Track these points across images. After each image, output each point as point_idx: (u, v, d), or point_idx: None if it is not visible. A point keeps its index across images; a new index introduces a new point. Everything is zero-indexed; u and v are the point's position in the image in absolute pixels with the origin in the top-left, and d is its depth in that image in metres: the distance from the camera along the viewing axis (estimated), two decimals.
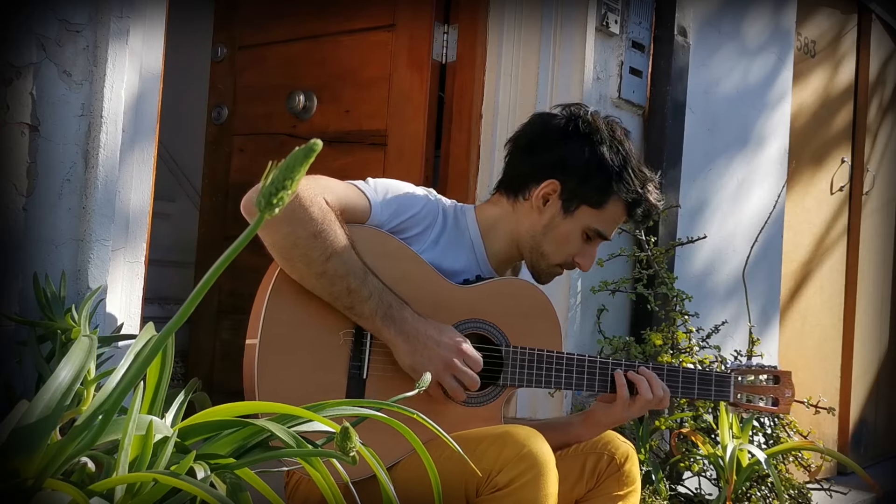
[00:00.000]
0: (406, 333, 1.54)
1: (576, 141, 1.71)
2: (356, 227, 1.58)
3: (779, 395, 1.85)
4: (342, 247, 1.51)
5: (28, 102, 1.63)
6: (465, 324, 1.66)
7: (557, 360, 1.70)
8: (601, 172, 1.70)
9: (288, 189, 0.79)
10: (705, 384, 1.80)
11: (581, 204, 1.71)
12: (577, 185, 1.70)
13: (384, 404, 1.16)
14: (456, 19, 2.77)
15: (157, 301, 3.48)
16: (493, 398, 1.67)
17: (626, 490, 1.68)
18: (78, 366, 0.95)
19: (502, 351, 1.67)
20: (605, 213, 1.73)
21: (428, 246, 1.68)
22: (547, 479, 1.44)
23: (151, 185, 1.84)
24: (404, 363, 1.55)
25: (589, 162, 1.69)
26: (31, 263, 1.62)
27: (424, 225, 1.68)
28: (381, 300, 1.53)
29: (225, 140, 3.23)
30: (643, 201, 1.74)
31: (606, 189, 1.70)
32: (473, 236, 1.75)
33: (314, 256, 1.49)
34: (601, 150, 1.70)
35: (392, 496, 1.09)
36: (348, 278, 1.51)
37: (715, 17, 3.10)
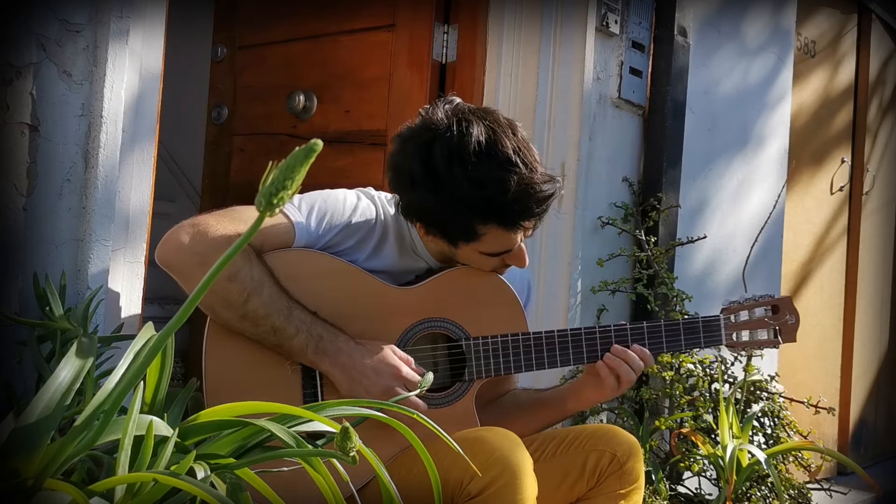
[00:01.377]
0: (341, 365, 1.50)
1: (407, 193, 1.57)
2: (281, 253, 1.53)
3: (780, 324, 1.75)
4: (260, 285, 1.46)
5: (28, 102, 1.63)
6: (420, 325, 1.62)
7: (524, 342, 1.65)
8: (441, 220, 1.56)
9: (288, 189, 0.79)
10: (692, 333, 1.72)
11: (457, 241, 1.60)
12: (439, 231, 1.60)
13: (384, 404, 1.16)
14: (456, 19, 2.77)
15: (157, 301, 3.48)
16: (460, 395, 1.63)
17: (629, 488, 1.65)
18: (78, 366, 0.95)
19: (462, 345, 1.63)
20: (486, 242, 1.59)
21: (370, 254, 1.63)
22: (522, 483, 1.39)
23: (151, 185, 1.84)
24: (343, 393, 1.51)
25: (424, 213, 1.57)
26: (31, 263, 1.62)
27: (361, 234, 1.62)
28: (311, 334, 1.49)
29: (225, 140, 3.22)
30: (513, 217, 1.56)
31: (460, 230, 1.57)
32: (414, 236, 1.68)
33: (233, 299, 1.45)
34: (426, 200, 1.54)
35: (394, 495, 1.09)
36: (271, 317, 1.46)
37: (715, 17, 3.10)
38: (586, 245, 2.60)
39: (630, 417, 2.54)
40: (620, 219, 2.70)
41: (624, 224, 2.70)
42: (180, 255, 1.47)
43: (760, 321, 1.76)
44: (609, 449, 1.66)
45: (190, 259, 1.45)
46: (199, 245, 1.46)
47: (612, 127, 2.70)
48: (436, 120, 1.57)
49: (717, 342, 1.75)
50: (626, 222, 2.71)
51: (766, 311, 1.77)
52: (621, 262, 2.70)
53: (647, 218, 2.72)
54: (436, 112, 1.58)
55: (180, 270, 1.48)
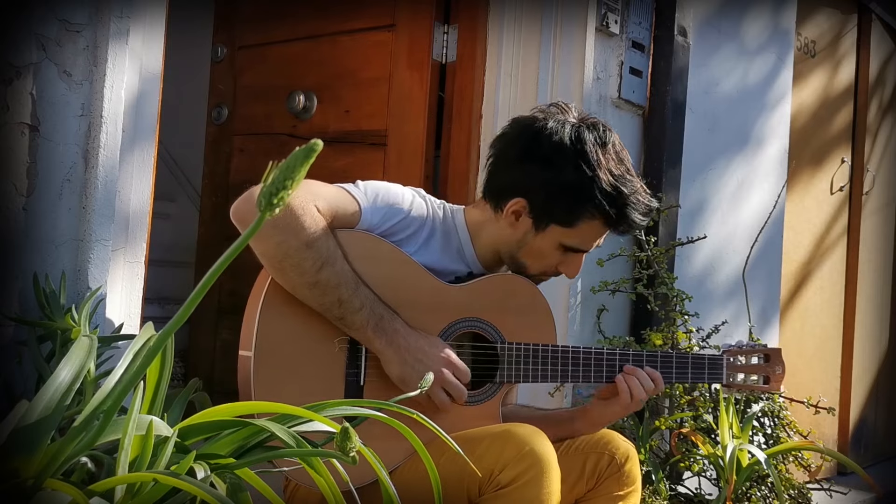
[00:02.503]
0: (396, 345, 1.54)
1: (538, 162, 1.64)
2: (347, 232, 1.57)
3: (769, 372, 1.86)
4: (334, 257, 1.50)
5: (28, 102, 1.63)
6: (460, 323, 1.66)
7: (553, 353, 1.70)
8: (563, 195, 1.63)
9: (288, 189, 0.79)
10: (698, 368, 1.81)
11: (551, 223, 1.66)
12: (543, 206, 1.65)
13: (384, 404, 1.16)
14: (456, 19, 2.77)
15: (157, 301, 3.48)
16: (490, 396, 1.67)
17: (627, 490, 1.68)
18: (78, 366, 0.95)
19: (497, 348, 1.67)
20: (578, 231, 1.67)
21: (419, 248, 1.67)
22: (549, 477, 1.44)
23: (151, 185, 1.84)
24: (393, 374, 1.55)
25: (549, 184, 1.63)
26: (31, 263, 1.62)
27: (415, 227, 1.66)
28: (373, 311, 1.52)
29: (225, 140, 3.23)
30: (620, 218, 1.66)
31: (574, 209, 1.64)
32: (463, 238, 1.73)
33: (306, 267, 1.48)
34: (563, 174, 1.62)
35: (393, 496, 1.09)
36: (340, 289, 1.50)
37: (715, 17, 3.10)
38: None
39: (630, 417, 2.54)
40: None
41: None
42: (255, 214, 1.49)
43: (755, 367, 1.88)
44: (608, 451, 1.69)
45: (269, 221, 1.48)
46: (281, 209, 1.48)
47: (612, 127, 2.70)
48: (571, 111, 1.71)
49: (718, 380, 1.83)
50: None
51: (759, 358, 1.89)
52: (621, 261, 2.70)
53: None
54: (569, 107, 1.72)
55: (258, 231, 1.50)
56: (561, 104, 1.72)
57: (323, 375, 1.54)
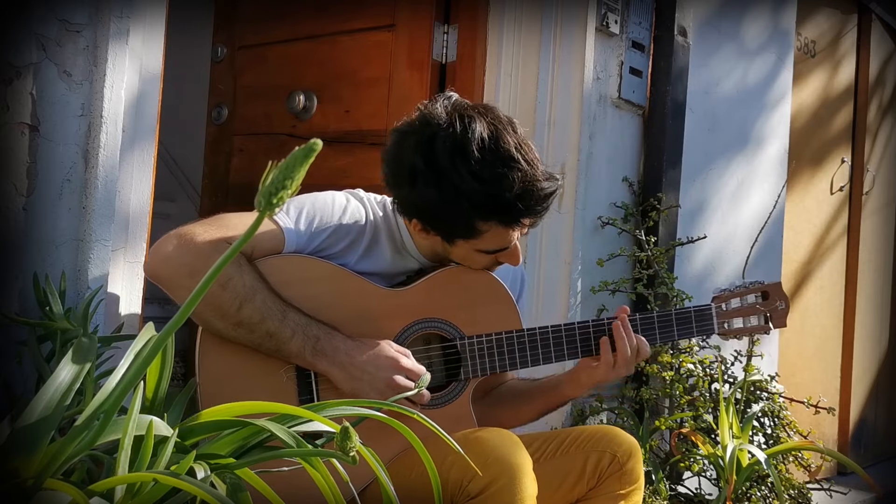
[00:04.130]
0: (340, 363, 1.49)
1: (405, 187, 1.55)
2: (273, 259, 1.51)
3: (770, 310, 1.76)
4: (253, 291, 1.45)
5: (28, 102, 1.63)
6: (413, 326, 1.61)
7: (518, 339, 1.65)
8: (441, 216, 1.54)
9: (288, 189, 0.79)
10: (684, 323, 1.73)
11: (454, 237, 1.59)
12: (435, 227, 1.57)
13: (384, 404, 1.16)
14: (456, 19, 2.77)
15: (157, 301, 3.47)
16: (458, 394, 1.63)
17: (629, 489, 1.65)
18: (78, 366, 0.95)
19: (457, 345, 1.63)
20: (485, 239, 1.58)
21: (361, 256, 1.61)
22: (521, 483, 1.39)
23: (151, 185, 1.84)
24: (346, 392, 1.50)
25: (424, 209, 1.55)
26: (31, 263, 1.62)
27: (351, 237, 1.60)
28: (307, 335, 1.48)
29: (225, 140, 3.23)
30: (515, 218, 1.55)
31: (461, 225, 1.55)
32: (405, 236, 1.66)
33: (226, 308, 1.44)
34: (428, 196, 1.52)
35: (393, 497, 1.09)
36: (266, 322, 1.45)
37: (715, 17, 3.10)
38: (586, 245, 2.60)
39: (630, 417, 2.54)
40: (620, 219, 2.70)
41: (624, 224, 2.70)
42: (168, 266, 1.45)
43: (752, 307, 1.76)
44: (609, 450, 1.66)
45: (177, 270, 1.44)
46: (186, 255, 1.44)
47: (612, 127, 2.70)
48: (436, 115, 1.54)
49: (710, 331, 1.75)
50: (626, 222, 2.71)
51: (756, 297, 1.77)
52: (621, 262, 2.70)
53: (647, 218, 2.72)
54: (435, 107, 1.56)
55: (168, 281, 1.46)
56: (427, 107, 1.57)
57: None
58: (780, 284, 1.78)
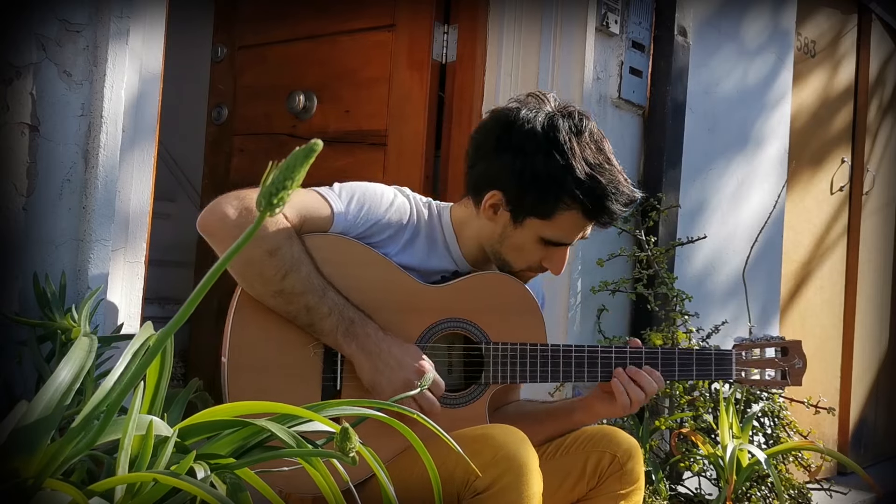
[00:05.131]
0: (367, 350, 1.51)
1: (508, 152, 1.60)
2: (318, 237, 1.54)
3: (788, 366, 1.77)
4: (299, 263, 1.48)
5: (28, 102, 1.63)
6: (442, 324, 1.62)
7: (542, 353, 1.66)
8: (535, 186, 1.59)
9: (288, 189, 0.79)
10: (704, 364, 1.74)
11: (528, 216, 1.62)
12: (517, 198, 1.61)
13: (384, 404, 1.16)
14: (456, 19, 2.77)
15: (157, 301, 3.48)
16: (475, 397, 1.64)
17: (629, 489, 1.66)
18: (78, 366, 0.95)
19: (482, 349, 1.64)
20: (556, 224, 1.62)
21: (400, 249, 1.64)
22: (528, 480, 1.40)
23: (151, 185, 1.84)
24: (364, 380, 1.52)
25: (522, 173, 1.59)
26: (31, 263, 1.62)
27: (396, 227, 1.63)
28: (342, 316, 1.50)
29: (225, 140, 3.23)
30: (599, 211, 1.61)
31: (548, 200, 1.59)
32: (448, 237, 1.70)
33: (269, 275, 1.46)
34: (534, 162, 1.58)
35: (392, 498, 1.09)
36: (306, 296, 1.48)
37: (715, 17, 3.10)
38: (586, 245, 2.60)
39: (630, 417, 2.54)
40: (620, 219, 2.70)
41: (624, 224, 2.70)
42: (224, 227, 1.48)
43: (770, 361, 1.79)
44: (609, 450, 1.66)
45: (231, 232, 1.47)
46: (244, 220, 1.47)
47: (612, 127, 2.70)
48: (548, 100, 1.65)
49: (727, 376, 1.77)
50: (626, 222, 2.71)
51: (776, 351, 1.80)
52: (621, 262, 2.70)
53: (647, 218, 2.72)
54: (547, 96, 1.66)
55: (221, 240, 1.49)
56: (539, 94, 1.68)
57: (298, 381, 1.52)
58: (801, 343, 1.79)
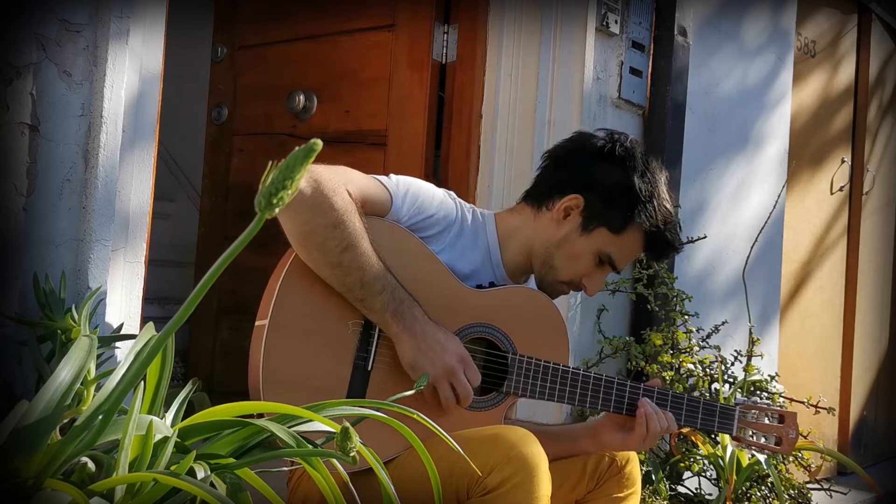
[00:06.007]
0: (412, 331, 1.54)
1: (609, 162, 1.71)
2: (376, 220, 1.58)
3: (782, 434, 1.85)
4: (359, 239, 1.51)
5: (28, 102, 1.63)
6: (474, 327, 1.65)
7: (563, 374, 1.68)
8: (627, 198, 1.69)
9: (288, 189, 0.79)
10: (709, 415, 1.79)
11: (600, 225, 1.70)
12: (601, 206, 1.70)
13: (384, 404, 1.16)
14: (456, 19, 2.77)
15: (157, 301, 3.48)
16: (495, 404, 1.66)
17: (627, 492, 1.68)
18: (78, 366, 0.95)
19: (508, 358, 1.66)
20: (622, 241, 1.71)
21: (445, 247, 1.68)
22: (538, 482, 1.42)
23: (151, 185, 1.84)
24: (405, 360, 1.55)
25: (617, 185, 1.69)
26: (31, 263, 1.62)
27: (443, 226, 1.68)
28: (394, 296, 1.54)
29: (225, 140, 3.23)
30: (662, 238, 1.73)
31: (629, 216, 1.69)
32: (491, 243, 1.74)
33: (331, 246, 1.49)
34: (632, 177, 1.69)
35: (392, 495, 1.09)
36: (362, 271, 1.51)
37: (715, 17, 3.10)
38: None
39: None
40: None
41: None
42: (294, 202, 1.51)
43: (767, 426, 1.85)
44: (608, 453, 1.69)
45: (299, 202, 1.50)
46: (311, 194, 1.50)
47: (612, 127, 2.69)
48: None
49: (728, 431, 1.81)
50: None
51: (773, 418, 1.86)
52: None
53: None
54: None
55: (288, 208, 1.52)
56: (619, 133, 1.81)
57: (331, 355, 1.54)
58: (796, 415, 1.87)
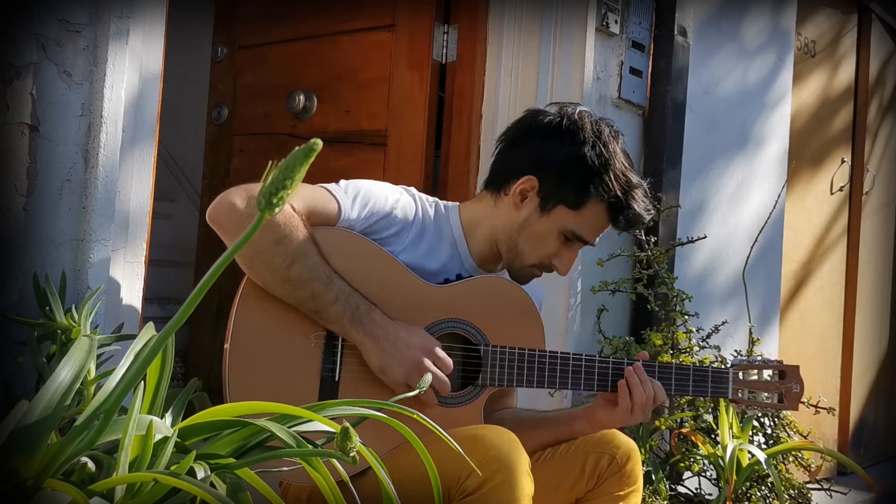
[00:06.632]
0: (374, 335, 1.53)
1: (556, 138, 1.67)
2: (325, 230, 1.57)
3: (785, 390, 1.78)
4: (305, 252, 1.50)
5: (28, 102, 1.63)
6: (442, 323, 1.64)
7: (540, 358, 1.67)
8: (579, 172, 1.65)
9: (288, 189, 0.79)
10: (701, 381, 1.76)
11: (558, 203, 1.67)
12: (554, 184, 1.66)
13: (383, 404, 1.16)
14: (456, 19, 2.77)
15: (157, 301, 3.48)
16: (472, 398, 1.64)
17: (627, 490, 1.66)
18: (78, 366, 0.95)
19: (481, 350, 1.65)
20: (583, 216, 1.68)
21: (406, 247, 1.66)
22: (519, 481, 1.40)
23: (151, 185, 1.84)
24: (373, 365, 1.54)
25: (567, 160, 1.65)
26: (31, 263, 1.62)
27: (401, 225, 1.66)
28: (348, 303, 1.52)
29: (225, 140, 3.23)
30: (625, 207, 1.68)
31: (584, 190, 1.65)
32: (456, 235, 1.73)
33: (277, 263, 1.49)
34: (582, 150, 1.65)
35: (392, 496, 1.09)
36: (312, 283, 1.50)
37: (715, 17, 3.10)
38: None
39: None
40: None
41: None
42: (231, 217, 1.51)
43: (767, 383, 1.79)
44: (608, 451, 1.66)
45: (240, 222, 1.50)
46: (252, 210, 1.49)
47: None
48: None
49: (723, 395, 1.78)
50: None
51: (773, 374, 1.80)
52: (621, 261, 2.69)
53: None
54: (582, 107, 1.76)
55: (230, 231, 1.52)
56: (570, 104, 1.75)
57: (298, 370, 1.53)
58: (798, 368, 1.79)
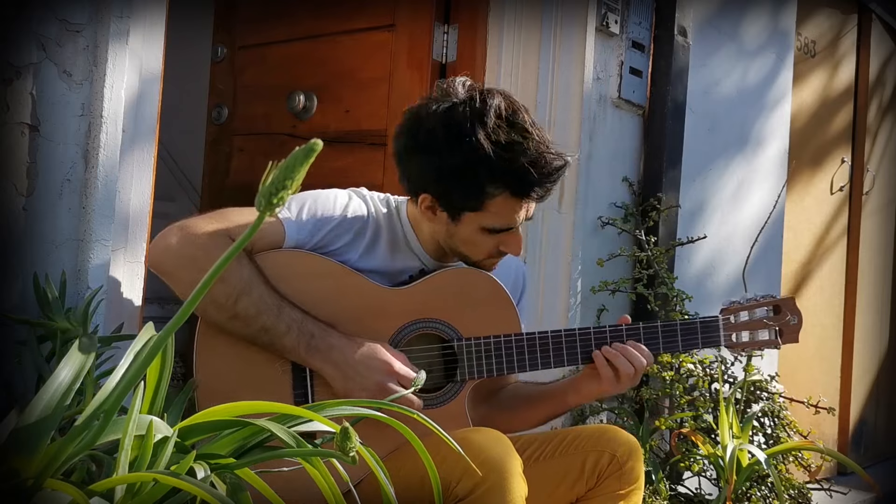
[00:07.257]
0: (333, 361, 1.50)
1: (419, 155, 1.59)
2: (273, 253, 1.53)
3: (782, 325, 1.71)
4: (250, 285, 1.47)
5: (28, 102, 1.62)
6: (411, 326, 1.61)
7: (517, 343, 1.64)
8: (454, 179, 1.56)
9: (289, 189, 0.79)
10: (689, 334, 1.70)
11: (463, 210, 1.60)
12: (449, 195, 1.59)
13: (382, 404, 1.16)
14: (456, 19, 2.77)
15: (157, 301, 3.48)
16: (453, 395, 1.63)
17: (628, 489, 1.65)
18: (78, 366, 0.95)
19: (454, 346, 1.63)
20: (492, 213, 1.59)
21: (362, 254, 1.62)
22: (510, 484, 1.38)
23: (151, 185, 1.84)
24: (337, 390, 1.51)
25: (438, 173, 1.57)
26: (31, 263, 1.62)
27: (354, 231, 1.62)
28: (302, 331, 1.49)
29: (225, 140, 3.22)
30: (526, 186, 1.56)
31: (477, 192, 1.56)
32: (407, 232, 1.68)
33: (222, 301, 1.46)
34: (444, 158, 1.55)
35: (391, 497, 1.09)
36: (261, 317, 1.47)
37: (715, 17, 3.10)
38: (586, 245, 2.60)
39: (630, 417, 2.54)
40: (620, 219, 2.70)
41: (624, 224, 2.70)
42: (168, 258, 1.48)
43: (761, 322, 1.73)
44: (609, 449, 1.65)
45: (177, 261, 1.47)
46: (188, 247, 1.47)
47: (612, 127, 2.70)
48: (455, 89, 1.61)
49: (716, 343, 1.73)
50: (627, 222, 2.71)
51: (767, 311, 1.74)
52: (621, 262, 2.69)
53: (647, 218, 2.72)
54: (454, 85, 1.62)
55: (169, 273, 1.49)
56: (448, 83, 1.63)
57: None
58: (794, 300, 1.73)
